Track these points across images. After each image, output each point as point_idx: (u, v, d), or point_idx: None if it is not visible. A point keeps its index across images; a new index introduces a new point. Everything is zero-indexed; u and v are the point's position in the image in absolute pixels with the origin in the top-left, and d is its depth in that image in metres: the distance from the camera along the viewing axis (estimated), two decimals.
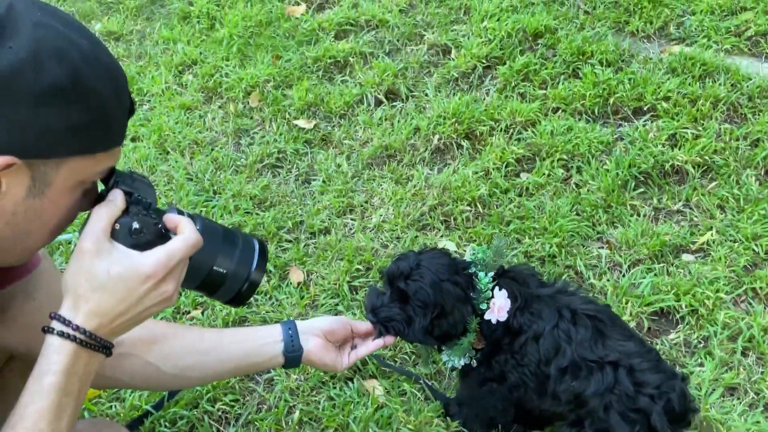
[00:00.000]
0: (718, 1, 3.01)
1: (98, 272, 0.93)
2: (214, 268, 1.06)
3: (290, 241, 2.30)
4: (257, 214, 2.39)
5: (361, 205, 2.40)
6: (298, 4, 3.42)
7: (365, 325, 1.54)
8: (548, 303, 1.54)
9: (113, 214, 0.96)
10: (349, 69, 2.99)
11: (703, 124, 2.51)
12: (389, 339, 1.53)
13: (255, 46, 3.17)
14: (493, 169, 2.44)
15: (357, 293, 2.10)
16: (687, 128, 2.49)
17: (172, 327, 1.44)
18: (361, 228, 2.31)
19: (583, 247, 2.18)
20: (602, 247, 2.18)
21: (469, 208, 2.33)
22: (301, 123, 2.76)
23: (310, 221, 2.34)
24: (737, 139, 2.45)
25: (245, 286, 1.10)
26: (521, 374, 1.53)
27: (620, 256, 2.13)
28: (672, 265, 2.10)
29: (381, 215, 2.35)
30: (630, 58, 2.85)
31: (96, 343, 0.95)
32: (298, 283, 2.13)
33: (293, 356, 1.41)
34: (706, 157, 2.38)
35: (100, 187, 1.03)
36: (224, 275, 1.07)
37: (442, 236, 2.26)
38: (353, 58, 3.00)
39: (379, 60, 2.98)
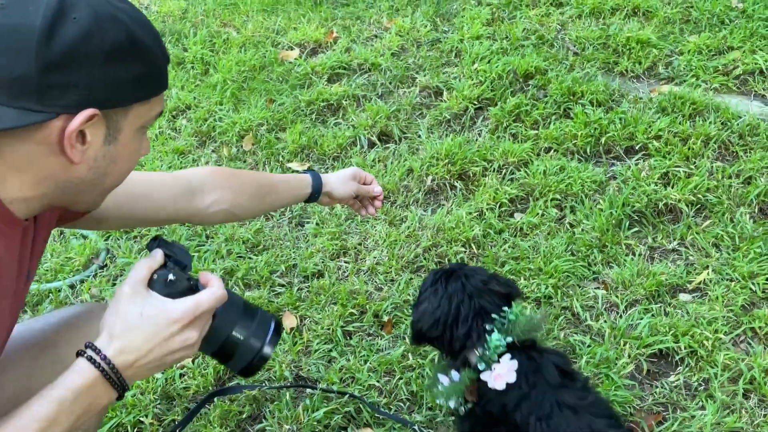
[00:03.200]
0: (705, 41, 3.05)
1: (132, 314, 1.06)
2: (232, 333, 1.18)
3: (283, 285, 2.27)
4: (250, 258, 2.37)
5: (355, 248, 2.38)
6: (292, 48, 3.46)
7: (375, 189, 1.80)
8: (569, 419, 1.30)
9: (152, 267, 1.10)
10: (342, 112, 3.01)
11: (695, 163, 2.52)
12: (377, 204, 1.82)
13: (249, 90, 3.19)
14: (487, 210, 2.44)
15: (351, 338, 2.07)
16: (679, 167, 2.49)
17: (235, 172, 1.70)
18: (354, 271, 2.29)
19: (579, 287, 2.16)
20: (598, 288, 2.16)
21: (463, 249, 2.32)
22: (295, 166, 2.76)
23: (303, 265, 2.32)
24: (729, 177, 2.46)
25: (256, 358, 1.20)
26: None
27: (617, 296, 2.11)
28: (669, 305, 2.08)
29: (375, 257, 2.33)
30: (620, 98, 2.87)
31: (115, 378, 1.04)
32: (291, 329, 2.10)
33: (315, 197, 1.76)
34: (700, 196, 2.38)
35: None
36: (239, 344, 1.18)
37: None
38: (346, 101, 3.03)
39: (371, 102, 3.00)
